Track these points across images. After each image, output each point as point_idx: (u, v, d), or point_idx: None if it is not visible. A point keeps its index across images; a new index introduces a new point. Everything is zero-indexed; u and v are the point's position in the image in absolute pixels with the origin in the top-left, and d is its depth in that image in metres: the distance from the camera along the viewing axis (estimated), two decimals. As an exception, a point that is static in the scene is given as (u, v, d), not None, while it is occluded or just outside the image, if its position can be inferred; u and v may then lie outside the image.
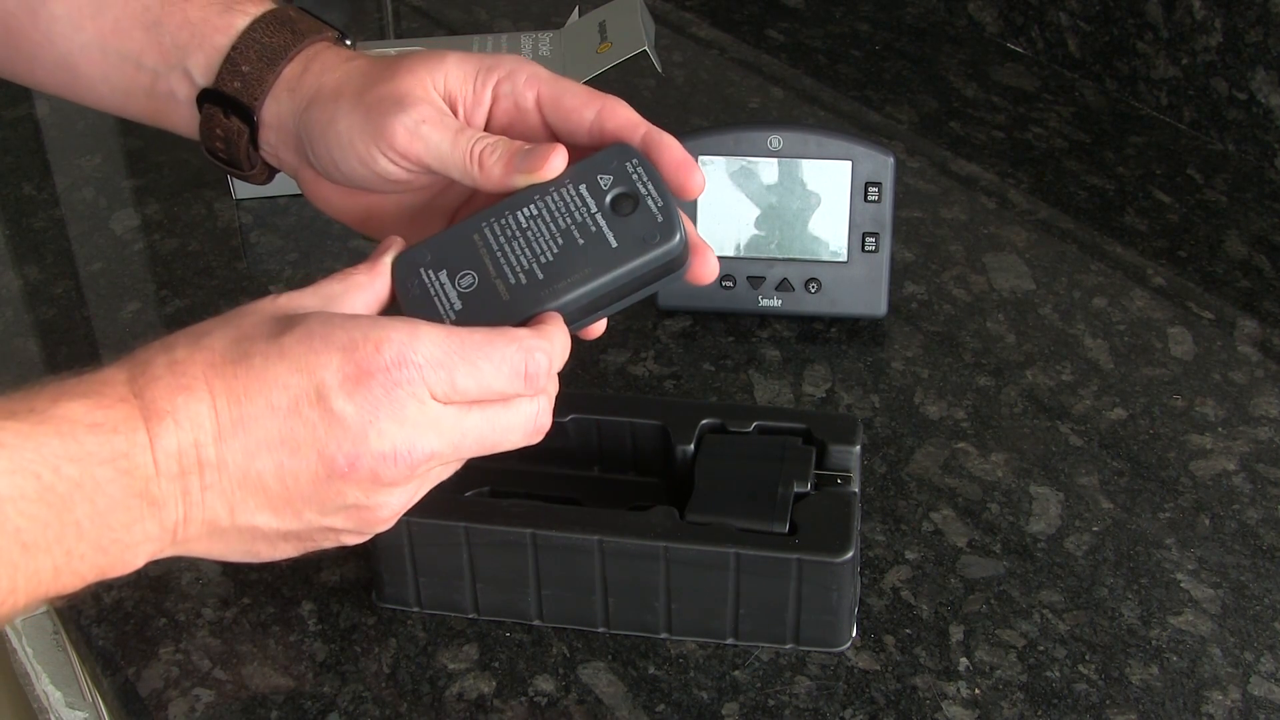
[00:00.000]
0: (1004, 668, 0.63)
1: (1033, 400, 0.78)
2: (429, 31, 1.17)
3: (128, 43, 0.66)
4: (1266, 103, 0.95)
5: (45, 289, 0.89)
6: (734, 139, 0.81)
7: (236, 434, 0.52)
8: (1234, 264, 0.89)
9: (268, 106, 0.64)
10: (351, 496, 0.54)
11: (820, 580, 0.61)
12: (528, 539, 0.62)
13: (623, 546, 0.62)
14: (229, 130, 0.65)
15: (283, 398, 0.52)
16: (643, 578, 0.63)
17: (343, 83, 0.62)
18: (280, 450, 0.53)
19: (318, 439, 0.53)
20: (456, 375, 0.54)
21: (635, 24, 0.97)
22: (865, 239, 0.81)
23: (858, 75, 1.10)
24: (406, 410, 0.53)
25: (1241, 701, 0.62)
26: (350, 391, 0.52)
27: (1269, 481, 0.73)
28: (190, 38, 0.65)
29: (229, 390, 0.52)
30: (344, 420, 0.52)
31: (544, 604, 0.64)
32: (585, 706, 0.62)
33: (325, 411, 0.52)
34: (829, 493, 0.64)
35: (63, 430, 0.50)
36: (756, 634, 0.64)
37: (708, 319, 0.85)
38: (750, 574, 0.62)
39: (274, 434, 0.52)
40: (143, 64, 0.66)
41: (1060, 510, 0.71)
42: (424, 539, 0.63)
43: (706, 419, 0.67)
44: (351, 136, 0.61)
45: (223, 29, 0.65)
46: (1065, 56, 1.09)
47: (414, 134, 0.59)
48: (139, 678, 0.63)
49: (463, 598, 0.65)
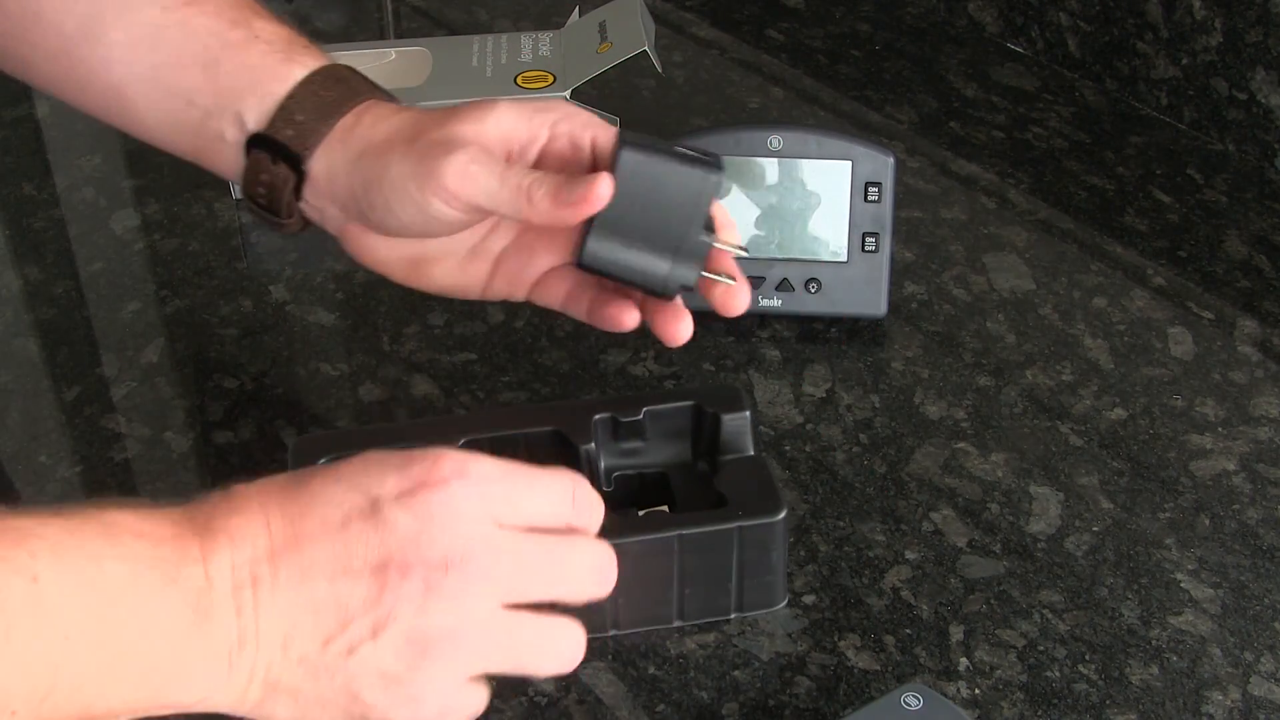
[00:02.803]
0: (1004, 668, 0.63)
1: (1033, 400, 0.78)
2: (429, 31, 1.17)
3: (183, 79, 0.65)
4: (1266, 103, 0.95)
5: (45, 289, 0.89)
6: (734, 139, 0.81)
7: (290, 552, 0.51)
8: (1234, 264, 0.89)
9: (318, 157, 0.64)
10: (404, 617, 0.51)
11: (760, 542, 0.63)
12: None
13: None
14: (275, 176, 0.65)
15: (336, 513, 0.52)
16: None
17: (394, 132, 0.63)
18: (333, 566, 0.51)
19: (369, 549, 0.51)
20: (513, 493, 0.53)
21: (635, 24, 0.97)
22: (865, 239, 0.81)
23: (858, 75, 1.10)
24: (461, 523, 0.52)
25: (1241, 701, 0.62)
26: (405, 503, 0.51)
27: (1269, 481, 0.73)
28: (248, 82, 0.65)
29: (284, 511, 0.52)
30: (396, 527, 0.51)
31: None
32: (585, 706, 0.62)
33: (379, 522, 0.51)
34: (736, 461, 0.66)
35: (110, 532, 0.48)
36: (702, 611, 0.65)
37: (708, 319, 0.84)
38: (692, 552, 0.63)
39: (327, 552, 0.51)
40: (195, 102, 0.65)
41: (1060, 510, 0.71)
42: None
43: (598, 414, 0.68)
44: (405, 182, 0.60)
45: (281, 77, 0.65)
46: (1065, 56, 1.09)
47: (464, 174, 0.59)
48: (139, 678, 0.63)
49: None
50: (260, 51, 0.65)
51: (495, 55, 0.99)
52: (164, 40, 0.66)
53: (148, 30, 0.66)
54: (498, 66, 0.98)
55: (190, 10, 0.66)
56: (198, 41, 0.65)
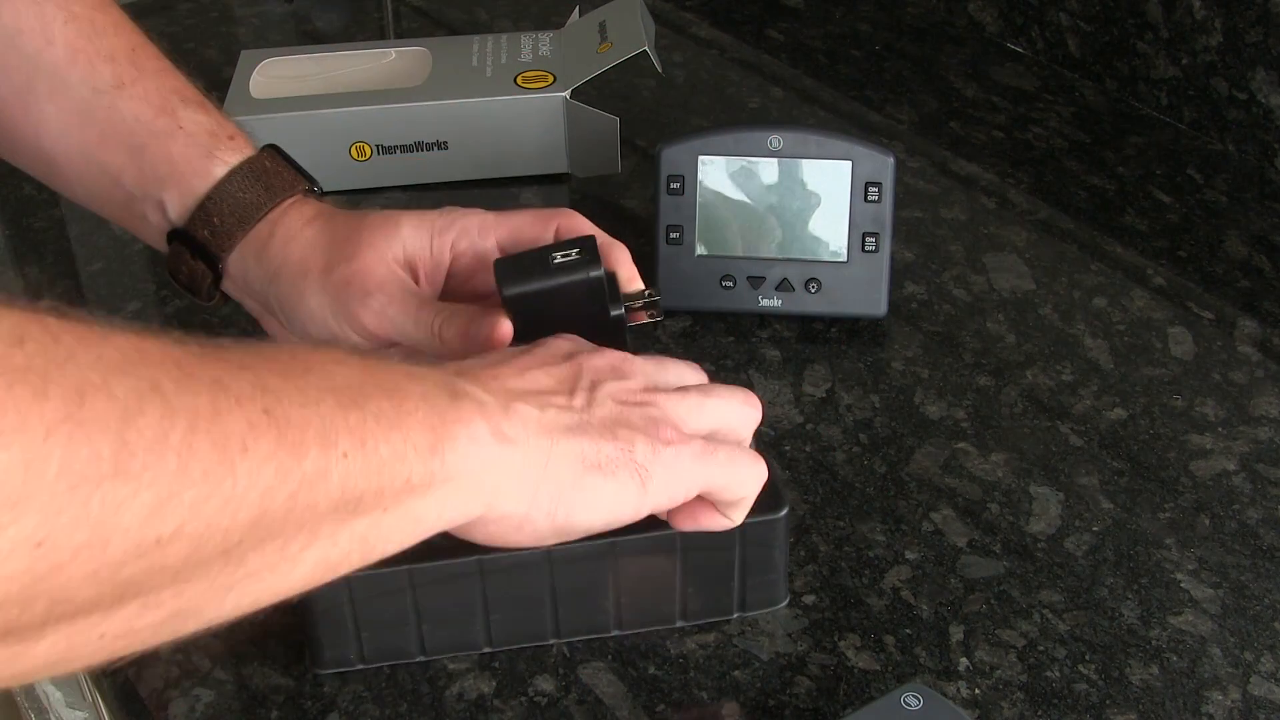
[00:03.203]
0: (1004, 668, 0.63)
1: (1033, 400, 0.78)
2: (429, 31, 1.17)
3: (110, 157, 0.67)
4: (1266, 103, 0.95)
5: (45, 289, 0.89)
6: (734, 139, 0.81)
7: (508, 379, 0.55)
8: (1234, 264, 0.89)
9: (233, 261, 0.67)
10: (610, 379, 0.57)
11: (762, 540, 0.63)
12: (474, 567, 0.61)
13: (571, 551, 0.61)
14: (194, 270, 0.68)
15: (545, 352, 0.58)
16: (592, 579, 0.63)
17: (307, 257, 0.65)
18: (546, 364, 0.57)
19: (574, 358, 0.57)
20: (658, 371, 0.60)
21: (635, 24, 0.97)
22: (865, 239, 0.81)
23: (858, 75, 1.10)
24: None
25: (1241, 701, 0.62)
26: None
27: (1269, 481, 0.73)
28: (169, 173, 0.67)
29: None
30: (597, 351, 0.58)
31: (492, 629, 0.63)
32: (585, 706, 0.62)
33: (577, 355, 0.58)
34: None
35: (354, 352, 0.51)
36: (704, 611, 0.65)
37: (708, 319, 0.85)
38: (695, 550, 0.63)
39: (535, 365, 0.56)
40: (120, 182, 0.68)
41: (1060, 510, 0.71)
42: (366, 591, 0.61)
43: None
44: (323, 315, 0.64)
45: (201, 174, 0.67)
46: (1065, 56, 1.09)
47: (380, 316, 0.63)
48: (139, 678, 0.63)
49: (408, 643, 0.63)
50: (183, 143, 0.67)
51: (495, 55, 0.99)
52: (93, 121, 0.67)
53: (78, 109, 0.67)
54: (498, 66, 0.98)
55: (120, 94, 0.67)
56: (125, 126, 0.67)
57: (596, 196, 0.96)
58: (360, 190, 0.96)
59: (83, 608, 0.37)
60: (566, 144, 0.96)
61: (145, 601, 0.39)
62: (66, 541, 0.35)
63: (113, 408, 0.36)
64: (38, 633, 0.37)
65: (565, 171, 0.97)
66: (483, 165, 0.97)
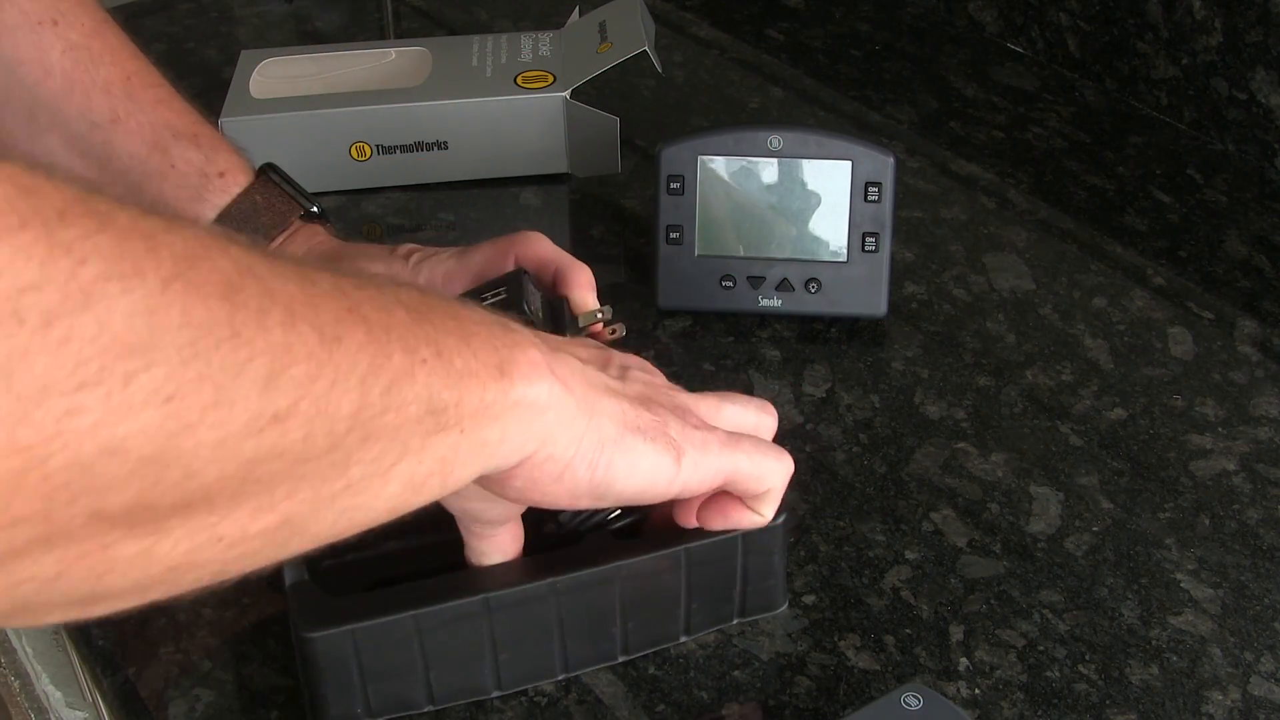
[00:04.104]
0: (1004, 668, 0.63)
1: (1033, 400, 0.78)
2: (429, 31, 1.17)
3: (109, 190, 0.68)
4: (1266, 103, 0.95)
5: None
6: (734, 139, 0.81)
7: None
8: (1234, 264, 0.89)
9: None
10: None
11: (763, 547, 0.63)
12: (481, 606, 0.60)
13: (578, 581, 0.60)
14: None
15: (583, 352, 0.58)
16: (598, 606, 0.62)
17: None
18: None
19: (602, 349, 0.59)
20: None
21: (635, 24, 0.97)
22: (865, 239, 0.81)
23: (858, 75, 1.10)
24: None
25: (1241, 701, 0.62)
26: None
27: (1269, 481, 0.73)
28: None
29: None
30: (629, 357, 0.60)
31: (501, 670, 0.62)
32: (585, 706, 0.62)
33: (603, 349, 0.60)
34: None
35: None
36: (706, 622, 0.65)
37: (708, 319, 0.85)
38: (700, 565, 0.63)
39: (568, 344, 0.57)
40: None
41: (1060, 510, 0.71)
42: (372, 640, 0.59)
43: None
44: None
45: (190, 218, 0.67)
46: (1065, 56, 1.09)
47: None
48: (139, 678, 0.63)
49: (416, 693, 0.61)
50: (174, 184, 0.68)
51: (495, 55, 0.99)
52: (91, 155, 0.68)
53: (77, 142, 0.68)
54: (498, 66, 0.98)
55: (115, 130, 0.68)
56: (120, 164, 0.68)
57: (596, 196, 0.96)
58: (360, 190, 0.96)
59: (207, 494, 0.37)
60: (566, 144, 0.96)
61: (259, 503, 0.39)
62: (195, 399, 0.35)
63: (217, 277, 0.36)
64: (164, 523, 0.36)
65: (565, 171, 0.97)
66: (482, 165, 0.97)
